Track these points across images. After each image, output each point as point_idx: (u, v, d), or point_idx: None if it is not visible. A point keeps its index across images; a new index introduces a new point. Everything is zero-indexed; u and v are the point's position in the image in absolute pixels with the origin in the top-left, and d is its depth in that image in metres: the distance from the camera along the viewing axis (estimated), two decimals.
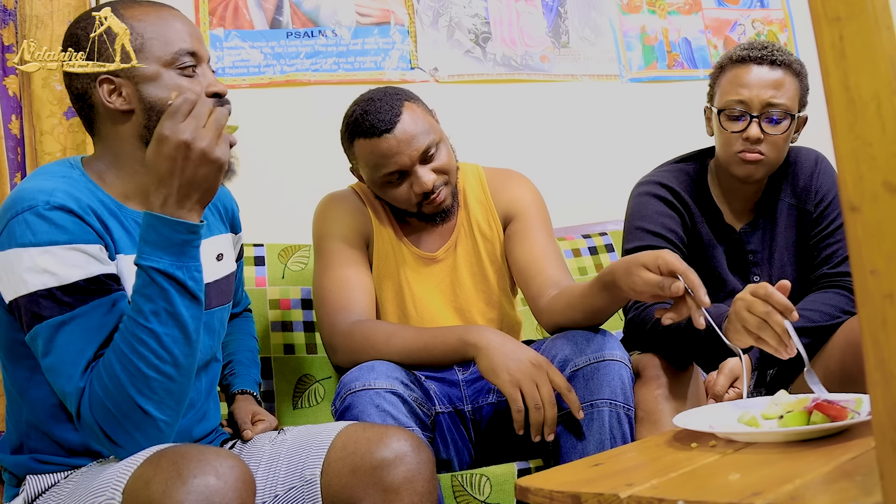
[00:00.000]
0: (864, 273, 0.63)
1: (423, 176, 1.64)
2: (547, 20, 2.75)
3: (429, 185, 1.64)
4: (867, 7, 0.63)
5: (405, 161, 1.63)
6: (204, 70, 1.30)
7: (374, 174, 1.67)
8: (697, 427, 1.15)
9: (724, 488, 0.91)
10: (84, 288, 1.14)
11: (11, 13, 2.12)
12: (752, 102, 1.70)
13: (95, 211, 1.21)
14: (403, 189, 1.67)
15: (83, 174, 1.27)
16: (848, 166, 0.64)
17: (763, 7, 3.00)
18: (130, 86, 1.25)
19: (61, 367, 1.13)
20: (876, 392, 0.64)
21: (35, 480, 1.24)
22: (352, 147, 1.70)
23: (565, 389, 1.45)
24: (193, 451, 1.04)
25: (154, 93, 1.25)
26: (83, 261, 1.15)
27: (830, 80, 0.65)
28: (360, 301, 1.66)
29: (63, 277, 1.13)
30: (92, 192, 1.24)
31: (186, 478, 1.00)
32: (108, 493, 1.07)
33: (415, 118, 1.65)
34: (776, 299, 1.31)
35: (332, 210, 1.76)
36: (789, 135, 1.74)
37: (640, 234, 1.77)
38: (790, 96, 1.71)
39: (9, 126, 2.09)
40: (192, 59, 1.28)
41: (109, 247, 1.21)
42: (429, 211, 1.69)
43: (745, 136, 1.70)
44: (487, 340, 1.50)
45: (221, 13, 2.46)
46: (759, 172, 1.73)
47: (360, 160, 1.69)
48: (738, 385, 1.60)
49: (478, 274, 1.79)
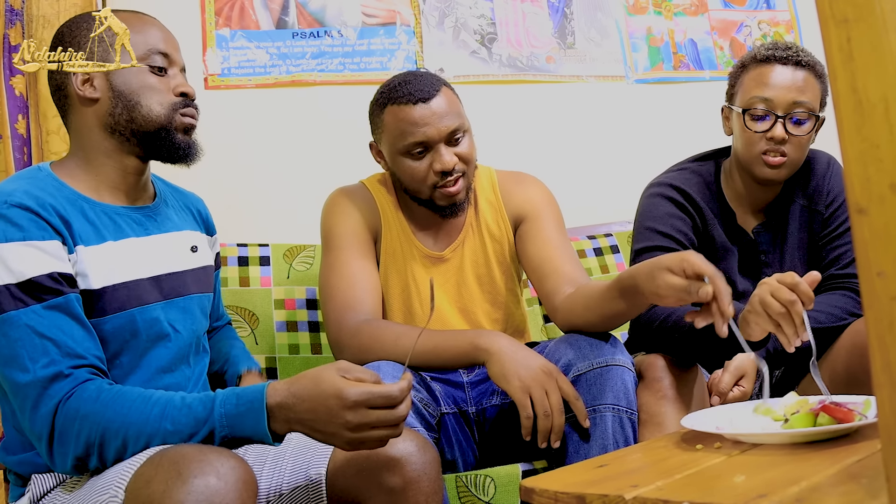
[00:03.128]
0: (870, 275, 0.63)
1: (445, 155, 1.65)
2: (553, 21, 2.75)
3: (449, 165, 1.65)
4: (875, 9, 0.62)
5: (433, 134, 1.64)
6: (175, 73, 1.37)
7: (398, 143, 1.67)
8: (705, 428, 1.15)
9: (729, 490, 0.91)
10: (38, 285, 1.17)
11: (18, 13, 2.13)
12: (778, 102, 1.69)
13: (55, 207, 1.23)
14: (423, 165, 1.67)
15: (50, 174, 1.30)
16: (855, 168, 0.64)
17: (769, 8, 2.99)
18: (102, 76, 1.31)
19: (16, 360, 1.15)
20: (882, 394, 0.63)
21: (40, 480, 1.25)
22: (381, 114, 1.70)
23: (573, 398, 1.46)
24: (195, 452, 1.04)
25: (122, 82, 1.32)
26: (39, 257, 1.18)
27: (838, 82, 0.65)
28: (368, 300, 1.66)
29: (18, 274, 1.16)
30: (57, 190, 1.27)
31: (187, 478, 1.00)
32: (111, 491, 1.08)
33: (451, 101, 1.68)
34: (802, 289, 1.32)
35: (341, 205, 1.76)
36: (812, 136, 1.73)
37: (649, 235, 1.76)
38: (813, 96, 1.70)
39: (15, 126, 2.10)
40: (164, 60, 1.35)
41: (68, 241, 1.23)
42: (441, 201, 1.69)
43: (769, 136, 1.69)
44: (499, 346, 1.50)
45: (227, 13, 2.47)
46: (782, 174, 1.72)
47: (387, 128, 1.69)
48: (744, 383, 1.60)
49: (484, 275, 1.79)
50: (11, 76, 2.11)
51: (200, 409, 1.13)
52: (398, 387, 1.10)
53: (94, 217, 1.28)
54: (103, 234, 1.28)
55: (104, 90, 1.31)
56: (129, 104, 1.31)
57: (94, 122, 1.32)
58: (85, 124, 1.33)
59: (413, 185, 1.70)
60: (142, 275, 1.31)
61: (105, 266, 1.26)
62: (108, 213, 1.31)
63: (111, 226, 1.30)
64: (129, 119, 1.31)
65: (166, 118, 1.33)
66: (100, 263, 1.26)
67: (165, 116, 1.33)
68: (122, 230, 1.31)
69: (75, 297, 1.21)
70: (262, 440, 1.13)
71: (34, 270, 1.17)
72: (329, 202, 1.79)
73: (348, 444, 1.11)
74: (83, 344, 1.18)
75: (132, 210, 1.35)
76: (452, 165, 1.65)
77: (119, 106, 1.31)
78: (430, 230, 1.79)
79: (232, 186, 2.38)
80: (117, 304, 1.27)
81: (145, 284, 1.31)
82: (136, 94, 1.32)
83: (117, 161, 1.34)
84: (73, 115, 1.34)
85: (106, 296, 1.25)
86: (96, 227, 1.28)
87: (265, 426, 1.11)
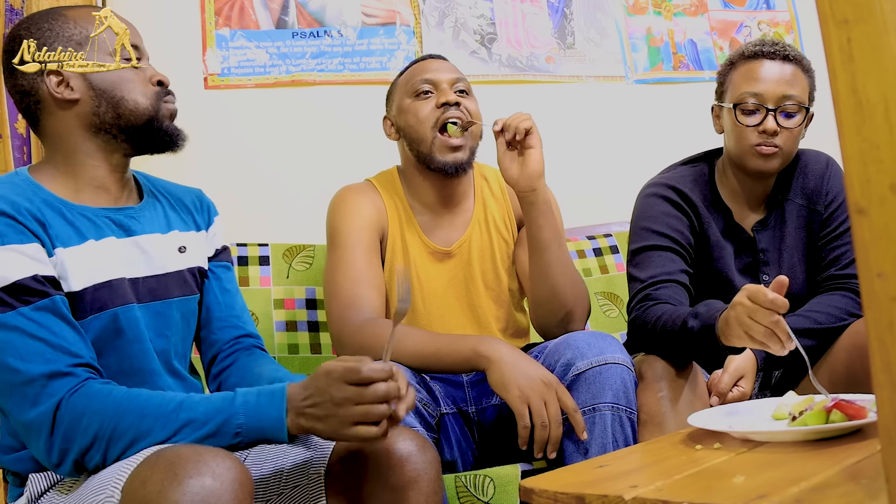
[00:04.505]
0: (870, 276, 0.63)
1: (448, 92, 1.76)
2: (552, 21, 2.75)
3: (452, 98, 1.74)
4: (875, 10, 0.62)
5: (440, 76, 1.77)
6: (146, 63, 1.36)
7: (408, 85, 1.79)
8: (713, 427, 1.15)
9: (729, 490, 0.91)
10: (23, 287, 1.16)
11: (18, 12, 2.13)
12: (768, 96, 1.70)
13: (31, 211, 1.22)
14: (429, 104, 1.75)
15: (27, 178, 1.28)
16: (855, 169, 0.64)
17: (769, 9, 2.99)
18: (78, 77, 1.28)
19: (8, 363, 1.15)
20: (882, 395, 0.63)
21: (38, 479, 1.25)
22: (397, 81, 1.85)
23: (572, 410, 1.46)
24: (191, 452, 1.04)
25: (102, 80, 1.29)
26: (20, 260, 1.17)
27: (838, 82, 0.65)
28: (372, 298, 1.66)
29: (2, 278, 1.16)
30: (34, 193, 1.25)
31: (182, 478, 1.00)
32: (107, 491, 1.07)
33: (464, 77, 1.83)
34: (779, 304, 1.27)
35: (347, 202, 1.77)
36: (802, 130, 1.75)
37: (645, 235, 1.77)
38: (802, 90, 1.72)
39: (15, 125, 2.10)
40: (135, 52, 1.33)
41: (46, 244, 1.22)
42: (442, 154, 1.72)
43: (761, 129, 1.70)
44: (500, 354, 1.50)
45: (227, 13, 2.47)
46: (775, 165, 1.73)
47: (401, 84, 1.82)
48: (743, 384, 1.60)
49: (490, 271, 1.80)
50: None
51: (219, 400, 1.14)
52: (368, 366, 1.12)
53: (73, 219, 1.26)
54: (84, 235, 1.26)
55: (83, 90, 1.28)
56: (114, 101, 1.29)
57: (75, 124, 1.30)
58: (63, 127, 1.30)
59: (419, 130, 1.75)
60: (121, 275, 1.29)
61: (85, 266, 1.25)
62: (88, 214, 1.28)
63: (91, 227, 1.28)
64: (116, 116, 1.29)
65: (153, 109, 1.31)
66: (80, 264, 1.24)
67: (152, 107, 1.31)
68: (103, 231, 1.29)
69: (61, 299, 1.20)
70: (277, 435, 1.14)
71: (17, 274, 1.16)
72: (335, 199, 1.79)
73: (341, 427, 1.12)
74: (76, 344, 1.18)
75: (114, 211, 1.32)
76: (455, 100, 1.74)
77: (103, 104, 1.29)
78: (436, 225, 1.79)
79: (231, 186, 2.37)
80: (99, 303, 1.25)
81: (126, 285, 1.29)
82: (118, 89, 1.29)
83: (100, 160, 1.31)
84: (47, 119, 1.30)
85: (87, 296, 1.24)
86: (76, 228, 1.26)
87: (283, 417, 1.13)
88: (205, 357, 1.47)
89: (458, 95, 1.75)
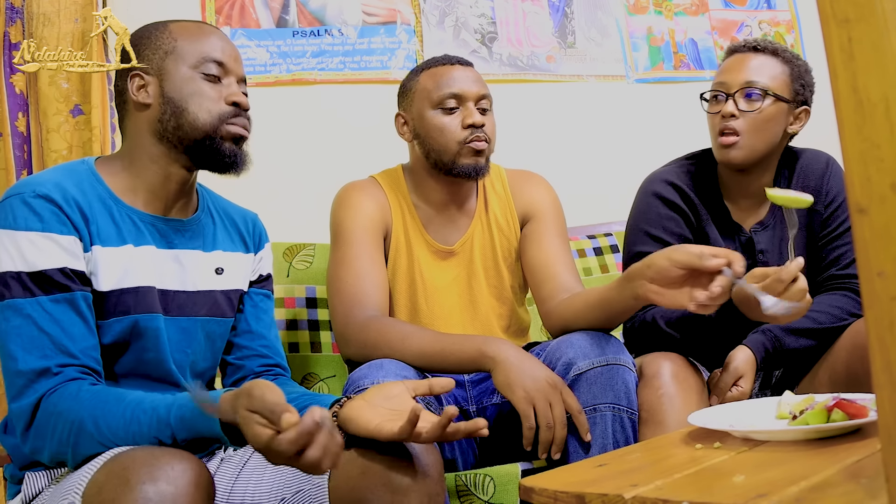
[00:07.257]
0: (871, 275, 0.63)
1: (474, 112, 1.72)
2: (553, 20, 2.75)
3: (478, 121, 1.71)
4: (876, 9, 0.62)
5: (468, 89, 1.73)
6: (230, 82, 1.35)
7: (433, 94, 1.73)
8: (712, 425, 1.15)
9: (728, 490, 0.91)
10: (48, 278, 1.18)
11: (19, 11, 2.13)
12: (731, 83, 1.73)
13: (80, 204, 1.23)
14: (454, 120, 1.72)
15: (90, 168, 1.30)
16: (856, 168, 0.64)
17: (770, 8, 2.99)
18: (156, 83, 1.31)
19: (10, 347, 1.17)
20: (882, 395, 0.63)
21: (33, 479, 1.25)
22: (416, 79, 1.78)
23: (577, 412, 1.46)
24: (146, 456, 1.03)
25: (173, 89, 1.31)
26: (54, 250, 1.19)
27: (839, 81, 0.65)
28: (376, 296, 1.66)
29: (31, 263, 1.18)
30: (90, 185, 1.27)
31: (134, 485, 0.99)
32: (70, 498, 1.08)
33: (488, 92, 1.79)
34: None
35: (351, 199, 1.76)
36: (772, 117, 1.72)
37: (643, 238, 1.77)
38: (772, 77, 1.72)
39: (15, 124, 2.10)
40: (218, 69, 1.33)
41: (84, 238, 1.23)
42: (466, 158, 1.70)
43: (721, 113, 1.71)
44: (506, 355, 1.50)
45: (228, 12, 2.47)
46: (738, 156, 1.72)
47: (421, 88, 1.76)
48: (742, 383, 1.60)
49: (492, 269, 1.80)
50: (11, 74, 2.11)
51: (163, 411, 1.12)
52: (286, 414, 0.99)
53: (119, 219, 1.28)
54: (124, 238, 1.27)
55: (156, 96, 1.31)
56: (177, 111, 1.30)
57: (145, 128, 1.32)
58: (137, 128, 1.33)
59: (441, 141, 1.72)
60: (152, 284, 1.29)
61: (117, 269, 1.25)
62: (135, 218, 1.30)
63: (134, 231, 1.29)
64: (177, 126, 1.30)
65: (212, 126, 1.30)
66: (112, 265, 1.25)
67: (211, 125, 1.30)
68: (144, 237, 1.30)
69: (82, 295, 1.21)
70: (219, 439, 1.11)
71: (46, 263, 1.18)
72: (339, 196, 1.79)
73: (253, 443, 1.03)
74: (80, 343, 1.18)
75: (162, 220, 1.33)
76: (481, 122, 1.71)
77: (168, 112, 1.30)
78: (439, 224, 1.79)
79: (231, 185, 2.36)
80: (122, 307, 1.26)
81: (154, 294, 1.29)
82: (184, 100, 1.30)
83: (162, 167, 1.32)
84: (127, 118, 1.34)
85: (112, 298, 1.25)
86: (119, 229, 1.27)
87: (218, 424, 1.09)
88: (227, 380, 1.46)
89: (482, 115, 1.73)
